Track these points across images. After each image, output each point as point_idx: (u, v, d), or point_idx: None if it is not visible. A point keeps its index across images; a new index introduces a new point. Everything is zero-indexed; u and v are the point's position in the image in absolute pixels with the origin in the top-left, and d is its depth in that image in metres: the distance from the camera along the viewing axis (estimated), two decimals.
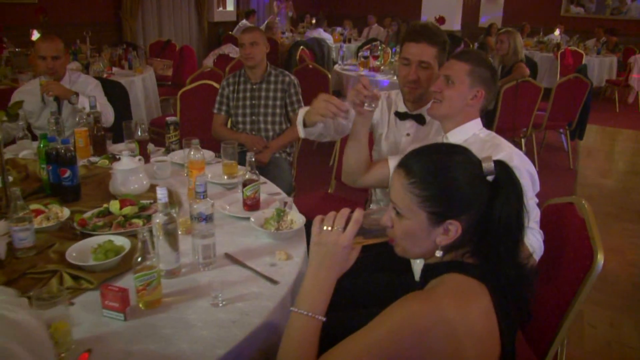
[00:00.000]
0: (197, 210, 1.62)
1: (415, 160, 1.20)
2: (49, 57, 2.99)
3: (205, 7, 9.80)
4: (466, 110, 1.90)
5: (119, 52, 5.68)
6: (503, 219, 1.15)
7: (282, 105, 3.50)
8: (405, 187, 1.18)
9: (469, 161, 1.18)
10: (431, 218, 1.17)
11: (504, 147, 1.81)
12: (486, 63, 1.90)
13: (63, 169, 2.13)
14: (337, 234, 1.23)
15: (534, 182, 1.82)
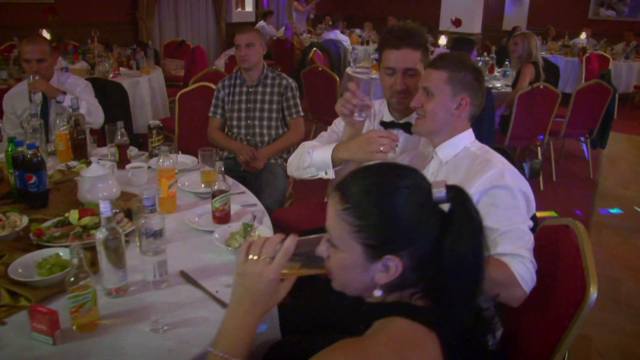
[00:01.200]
0: (144, 226, 1.51)
1: (353, 182, 1.03)
2: (33, 60, 2.90)
3: (223, 7, 9.74)
4: (453, 122, 1.74)
5: (128, 52, 5.63)
6: (456, 257, 0.98)
7: (278, 109, 3.37)
8: (338, 214, 1.02)
9: (417, 186, 1.01)
10: (367, 252, 1.00)
11: (496, 164, 1.64)
12: (466, 66, 1.73)
13: (29, 175, 2.04)
14: (262, 265, 1.08)
15: (529, 203, 1.65)
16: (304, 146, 2.03)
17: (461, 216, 1.00)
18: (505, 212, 1.57)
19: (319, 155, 1.89)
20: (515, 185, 1.59)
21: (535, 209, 1.69)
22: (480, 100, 1.78)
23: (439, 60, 1.76)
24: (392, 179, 1.02)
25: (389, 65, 1.98)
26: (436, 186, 1.01)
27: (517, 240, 1.54)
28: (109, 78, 4.88)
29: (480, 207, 1.58)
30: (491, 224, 1.55)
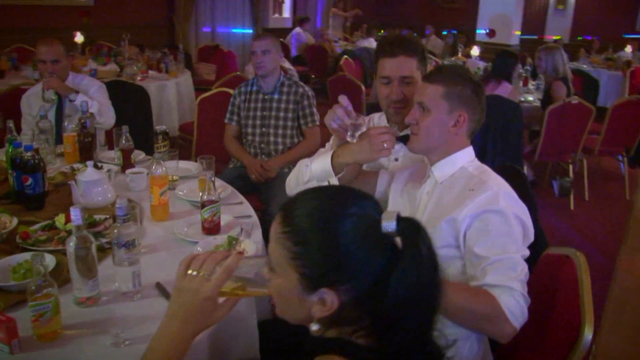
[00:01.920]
0: (116, 236, 1.47)
1: (298, 204, 0.95)
2: (48, 61, 2.95)
3: (260, 13, 9.80)
4: (450, 140, 1.63)
5: (158, 55, 5.70)
6: (400, 297, 0.88)
7: (294, 117, 3.33)
8: (278, 237, 0.95)
9: (365, 215, 0.92)
10: (303, 281, 0.92)
11: (491, 186, 1.52)
12: (464, 79, 1.62)
13: (25, 176, 2.05)
14: (200, 281, 1.02)
15: (526, 231, 1.52)
16: (301, 163, 1.95)
17: (410, 253, 0.90)
18: (498, 239, 1.46)
19: (318, 166, 1.79)
20: (510, 211, 1.48)
21: (533, 237, 1.57)
22: (480, 115, 1.67)
23: (435, 74, 1.66)
24: (339, 206, 0.93)
25: (384, 74, 1.91)
26: (387, 217, 0.91)
27: (508, 271, 1.43)
28: (137, 81, 4.93)
29: (472, 232, 1.50)
30: (481, 251, 1.45)
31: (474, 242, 1.48)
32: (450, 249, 1.55)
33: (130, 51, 6.00)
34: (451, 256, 1.56)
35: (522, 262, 1.47)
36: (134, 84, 4.18)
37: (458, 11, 10.22)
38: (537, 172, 5.22)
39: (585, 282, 1.47)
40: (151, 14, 8.22)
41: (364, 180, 1.92)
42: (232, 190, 2.34)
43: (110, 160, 2.61)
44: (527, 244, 1.55)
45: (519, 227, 1.50)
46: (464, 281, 1.52)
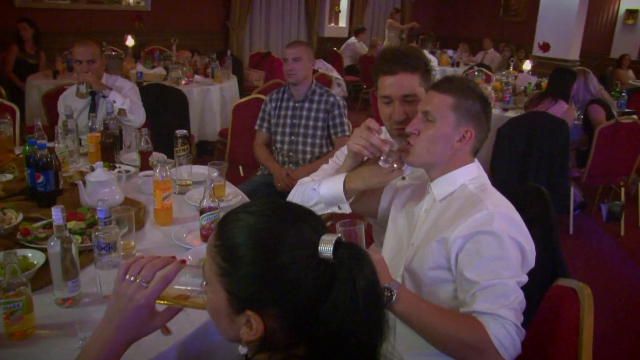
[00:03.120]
0: (96, 239, 1.46)
1: (235, 217, 0.89)
2: (84, 61, 3.03)
3: (316, 21, 9.82)
4: (452, 156, 1.53)
5: (205, 60, 5.79)
6: (335, 327, 0.81)
7: (323, 127, 3.28)
8: (210, 250, 0.90)
9: (304, 237, 0.85)
10: (230, 301, 0.86)
11: (486, 205, 1.41)
12: (475, 93, 1.51)
13: (37, 174, 2.09)
14: (136, 288, 0.97)
15: (524, 255, 1.41)
16: (302, 183, 1.87)
17: (344, 284, 0.82)
18: (490, 263, 1.36)
19: (329, 190, 1.70)
20: (506, 233, 1.37)
21: (534, 262, 1.46)
22: (485, 135, 1.56)
23: (445, 83, 1.55)
24: (276, 224, 0.87)
25: (384, 94, 1.78)
26: (324, 242, 0.84)
27: (499, 298, 1.32)
28: (181, 85, 5.02)
29: (463, 255, 1.40)
30: (471, 275, 1.36)
31: (464, 265, 1.39)
32: (442, 271, 1.47)
33: (181, 55, 6.14)
34: (442, 279, 1.47)
35: (517, 289, 1.36)
36: (174, 87, 4.25)
37: (518, 25, 9.91)
38: (587, 195, 4.95)
39: (587, 320, 1.34)
40: (207, 20, 8.40)
41: (369, 197, 1.85)
42: (243, 198, 2.31)
43: (131, 162, 2.63)
44: (527, 269, 1.44)
45: (516, 250, 1.38)
46: (455, 306, 1.43)
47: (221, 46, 8.40)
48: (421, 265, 1.50)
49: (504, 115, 4.70)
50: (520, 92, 5.05)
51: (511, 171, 4.14)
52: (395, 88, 1.75)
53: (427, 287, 1.50)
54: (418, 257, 1.52)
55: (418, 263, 1.51)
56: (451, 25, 11.64)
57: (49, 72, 5.24)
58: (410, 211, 1.68)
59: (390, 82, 1.75)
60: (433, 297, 1.48)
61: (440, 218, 1.52)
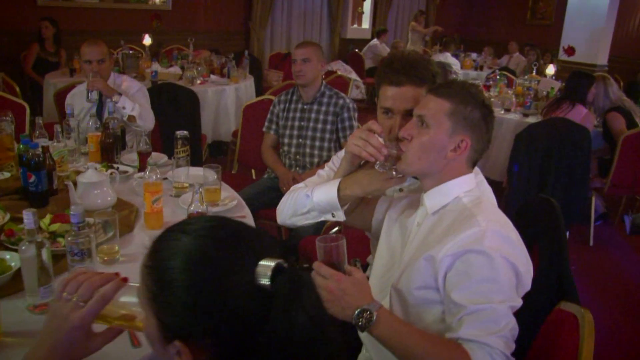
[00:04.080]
0: (69, 245, 1.40)
1: (170, 237, 0.82)
2: (94, 61, 3.00)
3: (339, 22, 9.72)
4: (445, 165, 1.43)
5: (222, 60, 5.76)
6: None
7: (332, 130, 3.20)
8: (142, 270, 0.82)
9: (240, 263, 0.77)
10: (160, 328, 0.79)
11: (478, 222, 1.30)
12: (476, 100, 1.40)
13: (29, 174, 2.05)
14: (71, 308, 0.90)
15: (519, 278, 1.29)
16: (295, 189, 1.76)
17: (278, 314, 0.74)
18: (479, 285, 1.25)
19: (322, 196, 1.60)
20: (498, 253, 1.25)
21: (530, 285, 1.34)
22: (483, 145, 1.45)
23: (444, 87, 1.44)
24: (214, 246, 0.78)
25: (386, 105, 1.63)
26: (262, 269, 0.76)
27: (488, 324, 1.21)
28: (195, 85, 4.99)
29: (452, 275, 1.29)
30: (458, 298, 1.25)
31: (452, 287, 1.28)
32: (429, 291, 1.36)
33: (200, 55, 6.11)
34: (430, 300, 1.36)
35: (508, 315, 1.24)
36: (185, 87, 4.20)
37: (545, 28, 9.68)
38: (610, 205, 4.77)
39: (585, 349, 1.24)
40: (228, 20, 8.38)
41: (364, 207, 1.76)
42: (239, 202, 2.25)
43: (131, 163, 2.59)
44: (522, 293, 1.32)
45: (509, 272, 1.27)
46: (442, 330, 1.32)
47: (242, 46, 8.37)
48: (408, 285, 1.39)
49: (523, 121, 4.55)
50: (543, 97, 4.89)
51: (529, 179, 3.99)
52: (399, 101, 1.60)
53: (414, 308, 1.39)
54: (405, 276, 1.41)
55: (405, 282, 1.41)
56: (476, 28, 11.43)
57: (67, 70, 5.27)
58: (404, 224, 1.58)
59: (394, 94, 1.61)
60: (419, 319, 1.38)
61: (431, 233, 1.42)
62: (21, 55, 6.07)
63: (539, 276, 1.80)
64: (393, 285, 1.45)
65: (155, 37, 5.93)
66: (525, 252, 1.33)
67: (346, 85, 5.67)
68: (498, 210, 1.43)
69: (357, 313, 1.27)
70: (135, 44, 6.18)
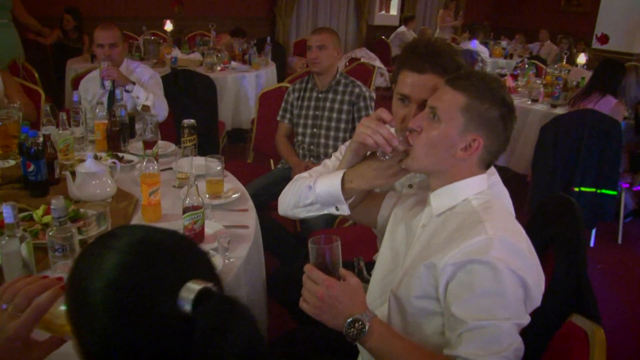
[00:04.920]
0: (50, 240, 1.35)
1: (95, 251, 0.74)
2: (106, 45, 2.96)
3: (366, 9, 9.54)
4: (454, 165, 1.32)
5: (244, 46, 5.68)
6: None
7: (347, 119, 3.10)
8: (65, 285, 0.76)
9: (165, 283, 0.69)
10: (79, 350, 0.72)
11: (485, 228, 1.18)
12: (495, 97, 1.27)
13: (28, 163, 2.01)
14: (7, 318, 0.84)
15: (528, 292, 1.17)
16: (299, 179, 1.67)
17: (199, 346, 0.66)
18: (482, 299, 1.14)
19: (325, 188, 1.51)
20: (504, 264, 1.13)
21: (539, 301, 1.21)
22: (499, 147, 1.32)
23: (462, 79, 1.31)
24: (138, 265, 0.71)
25: (403, 91, 1.52)
26: (185, 292, 0.68)
27: (489, 343, 1.11)
28: (216, 71, 4.93)
29: (454, 286, 1.17)
30: (459, 312, 1.14)
31: (453, 299, 1.17)
32: (429, 301, 1.25)
33: (222, 40, 6.04)
34: (430, 310, 1.26)
35: (513, 333, 1.13)
36: (202, 74, 4.14)
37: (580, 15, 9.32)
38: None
39: None
40: (253, 6, 8.29)
41: (369, 202, 1.65)
42: (243, 195, 2.17)
43: (138, 152, 2.54)
44: (531, 309, 1.20)
45: (516, 286, 1.15)
46: (442, 344, 1.21)
47: (267, 33, 8.27)
48: (407, 292, 1.29)
49: (551, 112, 4.36)
50: (572, 88, 4.68)
51: (555, 174, 3.83)
52: (417, 89, 1.49)
53: (413, 318, 1.29)
54: (405, 282, 1.31)
55: (405, 289, 1.30)
56: (508, 15, 11.10)
57: (88, 55, 5.26)
58: (409, 224, 1.47)
59: (414, 81, 1.50)
60: (418, 330, 1.28)
61: (434, 237, 1.31)
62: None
63: (554, 281, 1.68)
64: (392, 291, 1.35)
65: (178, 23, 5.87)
66: (536, 265, 1.21)
67: (369, 73, 5.54)
68: (510, 216, 1.31)
69: (348, 323, 1.18)
70: (159, 29, 6.14)
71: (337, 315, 1.20)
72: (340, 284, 1.21)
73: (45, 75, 5.78)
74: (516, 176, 4.65)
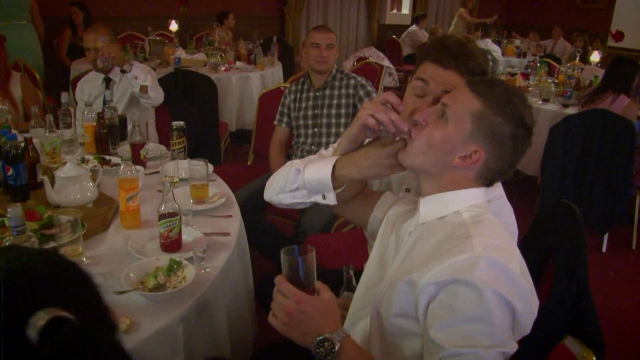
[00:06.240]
0: None
1: None
2: (92, 49, 2.90)
3: (377, 8, 9.41)
4: (449, 172, 1.22)
5: (250, 46, 5.62)
6: None
7: (347, 113, 3.02)
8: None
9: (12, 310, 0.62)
10: None
11: (472, 245, 1.07)
12: (513, 113, 1.17)
13: (7, 167, 1.95)
14: None
15: (517, 317, 1.05)
16: (291, 164, 1.53)
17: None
18: (463, 324, 1.03)
19: (314, 173, 1.38)
20: (490, 287, 1.02)
21: (529, 329, 1.09)
22: (501, 167, 1.21)
23: (483, 84, 1.21)
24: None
25: (422, 76, 1.44)
26: (34, 320, 0.60)
27: None
28: (220, 72, 4.87)
29: (435, 306, 1.07)
30: (438, 337, 1.04)
31: (432, 322, 1.06)
32: (408, 321, 1.15)
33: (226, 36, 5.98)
34: (409, 330, 1.15)
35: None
36: (203, 74, 4.07)
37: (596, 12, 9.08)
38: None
39: None
40: (262, 5, 8.22)
41: (363, 200, 1.55)
42: (229, 200, 2.09)
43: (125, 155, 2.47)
44: (519, 336, 1.08)
45: (502, 311, 1.03)
46: None
47: (277, 32, 8.20)
48: (387, 309, 1.18)
49: (562, 112, 4.22)
50: (585, 87, 4.53)
51: (565, 176, 3.70)
52: (436, 81, 1.42)
53: (391, 337, 1.18)
54: (386, 297, 1.20)
55: (385, 305, 1.19)
56: (522, 13, 10.89)
57: None
58: (399, 230, 1.37)
59: (435, 73, 1.42)
60: (397, 351, 1.17)
61: (417, 247, 1.21)
62: (54, 42, 6.10)
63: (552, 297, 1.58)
64: (375, 305, 1.26)
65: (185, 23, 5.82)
66: (529, 290, 1.09)
67: (376, 73, 5.44)
68: (504, 233, 1.18)
69: (317, 341, 1.09)
70: (165, 29, 6.11)
71: (307, 332, 1.11)
72: (311, 299, 1.12)
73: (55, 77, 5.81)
74: (526, 178, 4.52)
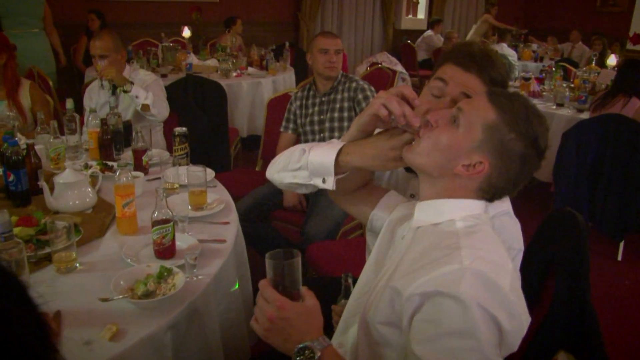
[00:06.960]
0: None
1: None
2: (96, 56, 2.92)
3: (392, 13, 9.38)
4: (449, 178, 1.18)
5: (262, 52, 5.63)
6: None
7: (350, 117, 3.01)
8: None
9: None
10: None
11: (461, 257, 1.03)
12: (528, 131, 1.13)
13: (8, 172, 1.97)
14: None
15: (503, 335, 0.99)
16: (297, 147, 1.49)
17: None
18: (446, 339, 0.98)
19: (318, 156, 1.36)
20: (475, 301, 0.97)
21: (516, 346, 1.03)
22: (504, 185, 1.18)
23: (503, 97, 1.18)
24: None
25: (442, 76, 1.42)
26: None
27: None
28: (231, 77, 4.89)
29: (419, 318, 1.03)
30: (420, 351, 1.00)
31: (415, 335, 1.02)
32: (393, 330, 1.11)
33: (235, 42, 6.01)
34: (392, 341, 1.12)
35: None
36: (212, 80, 4.08)
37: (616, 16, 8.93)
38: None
39: None
40: (277, 11, 8.26)
41: (366, 194, 1.52)
42: (227, 206, 2.08)
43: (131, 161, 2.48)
44: (506, 353, 1.03)
45: (488, 327, 0.98)
46: None
47: (292, 38, 8.24)
48: (374, 316, 1.14)
49: (576, 117, 4.15)
50: (600, 91, 4.45)
51: (578, 182, 3.63)
52: (457, 83, 1.40)
53: (377, 347, 1.15)
54: (374, 304, 1.16)
55: (373, 312, 1.16)
56: (540, 16, 10.76)
57: None
58: (395, 234, 1.35)
59: (456, 74, 1.41)
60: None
61: (407, 254, 1.18)
62: (71, 49, 6.19)
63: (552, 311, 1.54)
64: (363, 311, 1.23)
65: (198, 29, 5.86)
66: (520, 307, 1.03)
67: (387, 78, 5.41)
68: (497, 246, 1.12)
69: (297, 349, 1.06)
70: (179, 36, 6.16)
71: (287, 339, 1.09)
72: (293, 306, 1.10)
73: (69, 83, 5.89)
74: (540, 185, 4.45)
